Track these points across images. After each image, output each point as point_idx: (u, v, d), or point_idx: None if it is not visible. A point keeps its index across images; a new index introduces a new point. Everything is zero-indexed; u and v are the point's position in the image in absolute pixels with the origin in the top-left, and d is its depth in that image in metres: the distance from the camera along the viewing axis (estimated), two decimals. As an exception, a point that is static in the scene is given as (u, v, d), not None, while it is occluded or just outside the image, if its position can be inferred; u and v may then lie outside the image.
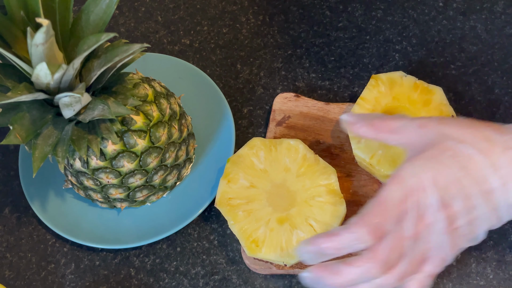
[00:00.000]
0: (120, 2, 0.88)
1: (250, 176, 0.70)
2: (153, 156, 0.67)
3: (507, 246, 0.71)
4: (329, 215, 0.67)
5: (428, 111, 0.72)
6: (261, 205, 0.69)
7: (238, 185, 0.69)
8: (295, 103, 0.77)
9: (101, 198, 0.71)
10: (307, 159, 0.70)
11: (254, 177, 0.70)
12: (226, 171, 0.70)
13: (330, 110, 0.77)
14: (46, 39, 0.53)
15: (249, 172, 0.70)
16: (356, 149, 0.71)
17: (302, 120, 0.76)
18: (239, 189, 0.69)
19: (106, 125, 0.63)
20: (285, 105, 0.77)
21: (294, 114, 0.77)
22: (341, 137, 0.75)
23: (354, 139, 0.71)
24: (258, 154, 0.71)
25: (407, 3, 0.85)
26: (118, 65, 0.61)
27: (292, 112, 0.77)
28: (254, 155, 0.71)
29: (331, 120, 0.76)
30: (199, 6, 0.87)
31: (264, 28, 0.85)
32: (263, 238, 0.67)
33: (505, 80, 0.79)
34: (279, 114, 0.77)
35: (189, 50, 0.84)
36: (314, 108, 0.77)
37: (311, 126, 0.76)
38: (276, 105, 0.77)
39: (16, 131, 0.58)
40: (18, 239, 0.74)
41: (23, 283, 0.72)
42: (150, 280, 0.71)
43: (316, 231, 0.66)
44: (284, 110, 0.77)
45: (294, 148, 0.71)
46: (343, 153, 0.75)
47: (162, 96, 0.68)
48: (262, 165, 0.70)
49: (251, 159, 0.71)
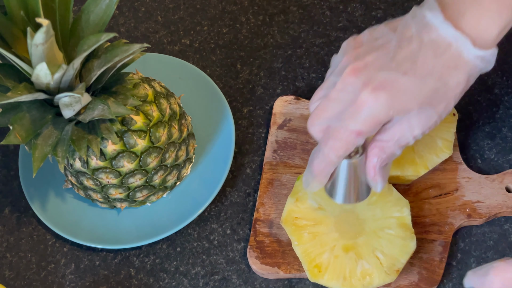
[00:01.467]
0: (120, 2, 0.88)
1: (319, 198, 0.68)
2: (153, 156, 0.67)
3: (507, 246, 0.71)
4: (398, 249, 0.65)
5: None
6: (328, 229, 0.67)
7: (306, 205, 0.68)
8: (296, 106, 0.77)
9: (101, 198, 0.71)
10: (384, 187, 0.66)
11: (324, 199, 0.67)
12: (295, 189, 0.68)
13: None
14: (46, 39, 0.53)
15: (319, 193, 0.67)
16: None
17: (303, 123, 0.76)
18: (307, 209, 0.68)
19: (106, 125, 0.63)
20: (286, 108, 0.77)
21: (295, 117, 0.77)
22: None
23: None
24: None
25: (407, 3, 0.85)
26: (118, 65, 0.61)
27: (293, 115, 0.77)
28: None
29: None
30: (199, 6, 0.87)
31: (264, 28, 0.85)
32: (326, 264, 0.65)
33: (505, 80, 0.79)
34: (279, 117, 0.77)
35: (189, 50, 0.84)
36: None
37: None
38: (276, 109, 0.77)
39: (16, 131, 0.58)
40: (18, 239, 0.74)
41: (23, 283, 0.72)
42: (150, 280, 0.71)
43: (382, 265, 0.64)
44: (284, 114, 0.77)
45: None
46: None
47: (162, 96, 0.68)
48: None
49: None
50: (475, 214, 0.70)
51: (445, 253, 0.68)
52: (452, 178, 0.72)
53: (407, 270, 0.67)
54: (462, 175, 0.72)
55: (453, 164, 0.73)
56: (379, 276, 0.64)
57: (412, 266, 0.68)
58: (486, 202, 0.70)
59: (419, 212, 0.71)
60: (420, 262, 0.68)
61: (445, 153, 0.70)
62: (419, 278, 0.67)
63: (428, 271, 0.68)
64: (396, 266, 0.65)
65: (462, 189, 0.71)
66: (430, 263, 0.68)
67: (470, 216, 0.70)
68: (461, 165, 0.73)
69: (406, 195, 0.71)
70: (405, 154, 0.70)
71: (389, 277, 0.64)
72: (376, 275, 0.64)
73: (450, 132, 0.71)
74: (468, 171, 0.72)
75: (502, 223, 0.71)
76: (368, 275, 0.64)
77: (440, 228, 0.70)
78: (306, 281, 0.70)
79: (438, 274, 0.67)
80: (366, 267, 0.64)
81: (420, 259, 0.68)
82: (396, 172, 0.70)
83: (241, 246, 0.72)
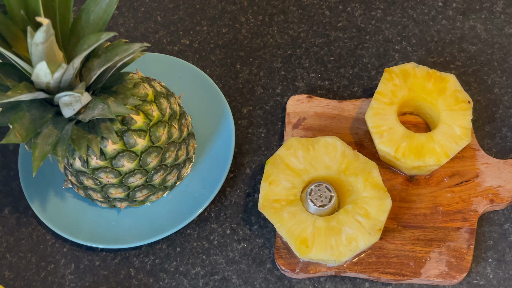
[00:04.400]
0: (120, 2, 0.88)
1: (291, 177, 0.69)
2: (153, 156, 0.67)
3: (507, 246, 0.71)
4: (375, 209, 0.67)
5: (444, 99, 0.72)
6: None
7: (280, 186, 0.69)
8: (309, 104, 0.77)
9: (101, 197, 0.71)
10: (346, 155, 0.70)
11: (295, 177, 0.69)
12: (266, 173, 0.69)
13: (344, 108, 0.77)
14: (46, 38, 0.53)
15: (290, 172, 0.69)
16: (380, 143, 0.71)
17: (318, 120, 0.76)
18: (282, 190, 0.69)
19: (106, 124, 0.62)
20: (299, 107, 0.77)
21: (309, 115, 0.77)
22: (360, 133, 0.75)
23: (376, 134, 0.71)
24: (296, 153, 0.70)
25: (406, 3, 0.85)
26: (118, 65, 0.61)
27: (307, 114, 0.77)
28: (293, 155, 0.70)
29: (347, 118, 0.76)
30: (199, 6, 0.87)
31: (264, 28, 0.85)
32: (312, 239, 0.66)
33: (505, 80, 0.79)
34: (293, 117, 0.77)
35: (188, 50, 0.84)
36: (328, 107, 0.77)
37: (328, 126, 0.76)
38: (289, 108, 0.77)
39: (16, 130, 0.58)
40: (18, 240, 0.74)
41: (22, 283, 0.72)
42: (150, 280, 0.71)
43: (364, 227, 0.66)
44: (298, 113, 0.77)
45: (331, 145, 0.70)
46: (363, 149, 0.75)
47: (162, 96, 0.68)
48: (302, 165, 0.70)
49: (290, 159, 0.70)
50: (498, 198, 0.71)
51: (472, 240, 0.69)
52: (471, 164, 0.73)
53: (436, 260, 0.68)
54: (481, 161, 0.73)
55: (471, 151, 0.73)
56: (364, 238, 0.66)
57: (441, 255, 0.68)
58: (507, 186, 0.71)
59: (442, 201, 0.71)
60: (448, 251, 0.69)
61: (464, 140, 0.71)
62: (449, 267, 0.68)
63: (457, 258, 0.68)
64: (378, 226, 0.66)
65: (482, 175, 0.72)
66: (458, 251, 0.69)
67: (493, 201, 0.71)
68: (478, 151, 0.73)
69: (428, 186, 0.72)
70: (425, 144, 0.70)
71: (373, 237, 0.66)
72: (361, 237, 0.66)
73: (467, 120, 0.72)
74: (486, 156, 0.73)
75: (502, 223, 0.71)
76: (353, 239, 0.66)
77: (465, 215, 0.70)
78: (306, 281, 0.70)
79: (468, 261, 0.68)
80: (350, 232, 0.66)
81: (448, 247, 0.69)
82: (418, 162, 0.70)
83: (241, 246, 0.72)
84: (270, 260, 0.71)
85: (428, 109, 0.74)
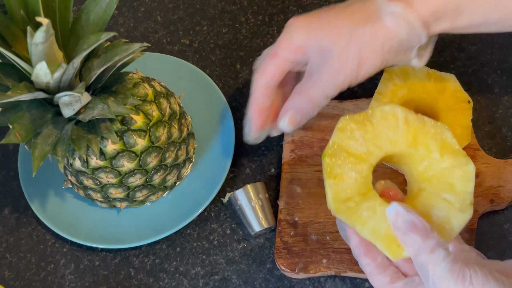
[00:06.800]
0: (119, 2, 0.88)
1: (356, 165, 0.57)
2: (153, 156, 0.67)
3: (507, 246, 0.71)
4: (460, 180, 0.56)
5: (444, 99, 0.72)
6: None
7: (347, 180, 0.56)
8: None
9: (101, 197, 0.71)
10: (410, 123, 0.57)
11: (361, 164, 0.57)
12: (327, 168, 0.56)
13: (344, 108, 0.77)
14: (46, 38, 0.53)
15: (353, 159, 0.57)
16: None
17: (318, 120, 0.76)
18: (351, 184, 0.56)
19: (106, 124, 0.62)
20: None
21: None
22: None
23: None
24: (353, 135, 0.57)
25: (406, 3, 0.85)
26: (118, 65, 0.61)
27: None
28: (350, 137, 0.57)
29: None
30: (199, 6, 0.87)
31: (264, 28, 0.85)
32: None
33: (505, 79, 0.79)
34: None
35: (188, 50, 0.84)
36: (328, 107, 0.77)
37: (328, 126, 0.76)
38: None
39: (15, 130, 0.58)
40: (18, 240, 0.74)
41: (22, 283, 0.72)
42: (150, 280, 0.71)
43: (453, 205, 0.56)
44: None
45: (390, 114, 0.58)
46: None
47: (162, 96, 0.68)
48: (364, 147, 0.57)
49: (349, 143, 0.57)
50: (498, 198, 0.70)
51: (472, 240, 0.69)
52: None
53: None
54: (481, 161, 0.72)
55: (471, 151, 0.73)
56: (457, 218, 0.56)
57: None
58: (507, 186, 0.71)
59: None
60: None
61: (464, 139, 0.71)
62: None
63: None
64: (468, 199, 0.56)
65: (482, 175, 0.72)
66: None
67: (493, 201, 0.70)
68: (478, 151, 0.73)
69: None
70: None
71: (467, 214, 0.56)
72: (453, 219, 0.56)
73: (467, 120, 0.72)
74: (486, 156, 0.73)
75: (502, 223, 0.71)
76: (445, 223, 0.56)
77: None
78: (306, 281, 0.70)
79: None
80: (441, 215, 0.56)
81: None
82: None
83: (241, 246, 0.72)
84: (270, 260, 0.71)
85: (428, 109, 0.74)
